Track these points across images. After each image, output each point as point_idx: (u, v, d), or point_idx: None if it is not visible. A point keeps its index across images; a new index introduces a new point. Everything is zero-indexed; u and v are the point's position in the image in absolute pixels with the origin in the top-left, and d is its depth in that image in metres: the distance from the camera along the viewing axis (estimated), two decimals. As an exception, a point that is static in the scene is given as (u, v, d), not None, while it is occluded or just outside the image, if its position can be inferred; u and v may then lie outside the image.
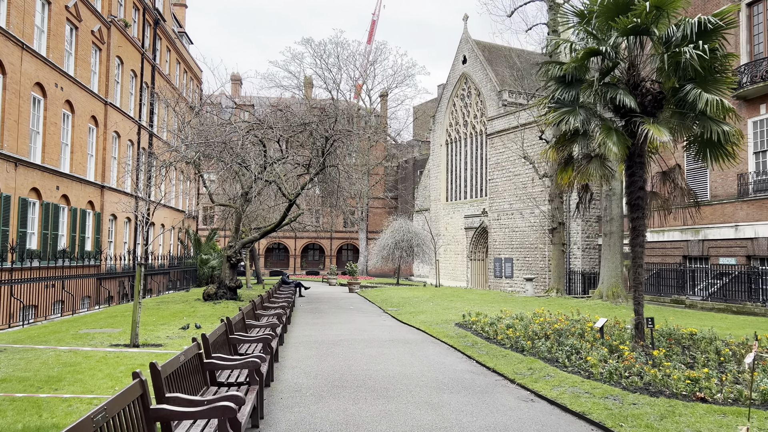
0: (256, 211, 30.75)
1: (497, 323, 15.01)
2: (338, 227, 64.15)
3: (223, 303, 23.31)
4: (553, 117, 11.67)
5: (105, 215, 28.61)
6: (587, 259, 34.31)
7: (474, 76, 48.35)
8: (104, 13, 28.26)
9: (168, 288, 37.03)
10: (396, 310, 21.56)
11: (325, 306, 24.31)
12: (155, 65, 35.09)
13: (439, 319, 17.76)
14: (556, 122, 11.67)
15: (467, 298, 26.33)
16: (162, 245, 38.69)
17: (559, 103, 12.07)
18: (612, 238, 21.93)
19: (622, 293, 21.78)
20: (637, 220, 12.03)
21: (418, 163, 61.64)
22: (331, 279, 44.80)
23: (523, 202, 36.87)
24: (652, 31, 10.94)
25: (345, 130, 21.97)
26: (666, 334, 12.76)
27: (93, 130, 27.58)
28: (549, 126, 11.90)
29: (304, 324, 17.56)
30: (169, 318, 18.08)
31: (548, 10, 28.35)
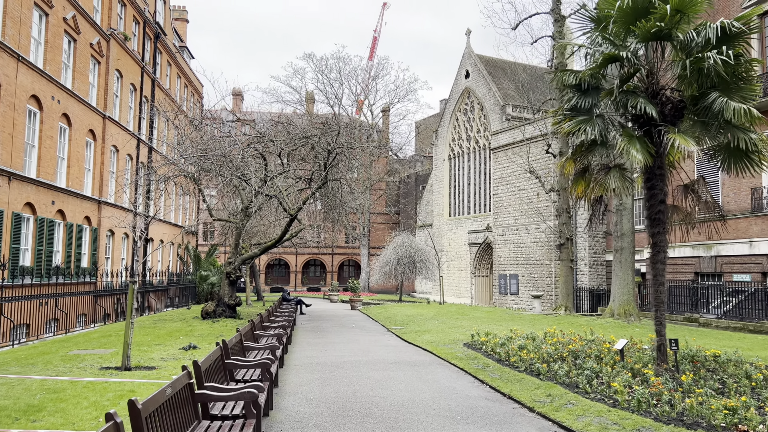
0: (256, 226, 30.13)
1: (508, 344, 14.29)
2: (340, 243, 63.46)
3: (222, 321, 22.60)
4: (569, 126, 11.07)
5: (102, 231, 27.98)
6: (594, 276, 33.58)
7: (477, 91, 47.96)
8: (104, 26, 27.87)
9: (167, 305, 36.32)
10: (400, 329, 20.84)
11: (327, 324, 23.59)
12: (155, 79, 34.69)
13: (446, 339, 17.04)
14: (572, 132, 11.07)
15: (473, 315, 25.59)
16: (161, 261, 38.02)
17: (575, 111, 11.48)
18: (623, 254, 21.25)
19: (634, 311, 21.06)
20: (658, 235, 11.38)
21: (420, 178, 61.11)
22: (332, 295, 44.05)
23: (529, 217, 36.23)
24: (675, 35, 10.37)
25: (348, 143, 21.40)
26: (689, 356, 12.04)
27: (91, 143, 27.05)
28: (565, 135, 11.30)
29: (305, 344, 16.84)
30: (165, 337, 17.37)
31: (554, 23, 27.95)
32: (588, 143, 11.18)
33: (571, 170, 11.76)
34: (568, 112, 11.55)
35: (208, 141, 20.52)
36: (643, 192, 11.49)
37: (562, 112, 11.64)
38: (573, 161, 11.57)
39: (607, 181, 10.56)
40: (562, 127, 11.32)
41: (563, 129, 11.25)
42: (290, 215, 22.05)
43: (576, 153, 11.50)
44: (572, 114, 11.45)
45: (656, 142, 10.87)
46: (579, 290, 32.96)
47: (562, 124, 11.32)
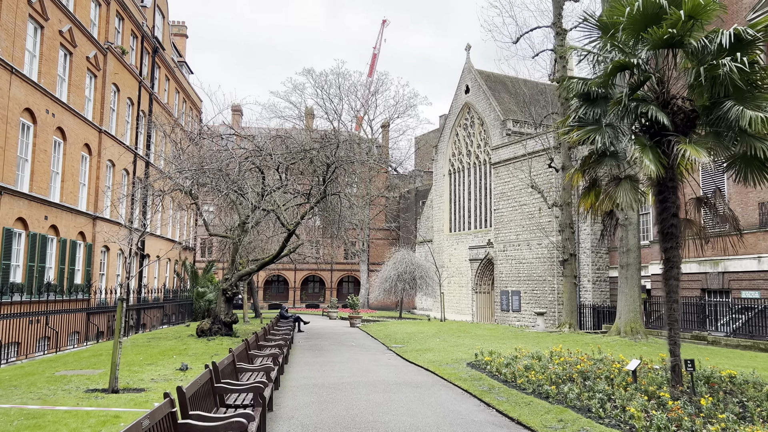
0: (254, 242, 29.60)
1: (514, 363, 13.74)
2: (339, 259, 62.84)
3: (218, 339, 22.00)
4: (578, 135, 10.62)
5: (97, 247, 27.46)
6: (598, 293, 33.02)
7: (477, 106, 47.71)
8: (101, 40, 27.60)
9: (163, 322, 35.66)
10: (401, 347, 20.25)
11: (326, 342, 22.99)
12: (153, 93, 34.39)
13: (449, 358, 16.46)
14: (581, 141, 10.63)
15: (475, 333, 25.00)
16: (157, 278, 37.45)
17: (583, 121, 11.05)
18: (629, 270, 20.73)
19: (641, 329, 20.49)
20: (671, 250, 10.89)
21: (420, 194, 60.70)
22: (331, 312, 43.40)
23: (531, 232, 35.73)
24: (687, 42, 9.97)
25: (347, 157, 20.98)
26: (703, 377, 11.50)
27: (86, 158, 26.63)
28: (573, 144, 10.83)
29: (302, 364, 16.26)
30: (158, 357, 16.79)
31: (555, 36, 27.69)
32: (597, 154, 10.74)
33: (579, 183, 11.30)
34: (576, 122, 11.12)
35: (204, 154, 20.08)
36: (655, 205, 11.02)
37: (569, 122, 11.20)
38: (581, 173, 11.12)
39: (619, 193, 10.08)
40: (570, 137, 10.88)
41: (571, 139, 10.81)
42: (288, 230, 21.55)
43: (584, 164, 11.05)
44: (580, 123, 11.02)
45: (667, 152, 10.44)
46: (582, 307, 32.37)
47: (571, 133, 10.87)
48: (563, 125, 11.24)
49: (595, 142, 10.37)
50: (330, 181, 20.86)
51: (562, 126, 11.26)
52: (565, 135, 11.05)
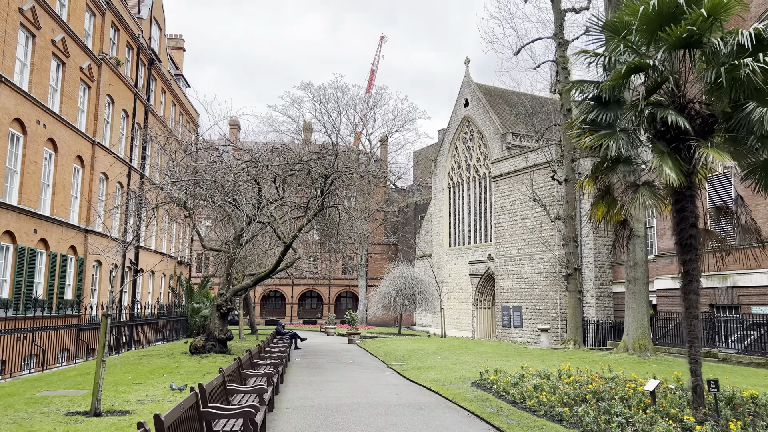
0: (250, 256, 28.91)
1: (521, 383, 13.04)
2: (337, 274, 62.06)
3: (211, 357, 21.24)
4: (590, 141, 10.04)
5: (89, 261, 26.75)
6: (602, 308, 32.32)
7: (476, 119, 47.33)
8: (95, 50, 27.12)
9: (157, 339, 34.87)
10: (401, 365, 19.51)
11: (323, 360, 22.23)
12: (149, 106, 33.88)
13: (452, 377, 15.74)
14: (593, 147, 10.05)
15: (477, 350, 24.26)
16: (152, 293, 36.67)
17: (595, 125, 10.48)
18: (636, 284, 20.09)
19: (650, 346, 19.80)
20: (690, 263, 10.27)
21: (419, 208, 60.12)
22: (329, 329, 42.59)
23: (532, 246, 35.10)
24: (707, 42, 9.43)
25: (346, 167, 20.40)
26: (724, 397, 10.81)
27: (78, 170, 26.01)
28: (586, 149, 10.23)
29: (298, 383, 15.52)
30: (148, 375, 16.05)
31: (557, 47, 27.28)
32: (610, 160, 10.15)
33: (590, 191, 10.69)
34: (587, 127, 10.55)
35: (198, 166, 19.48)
36: (672, 215, 10.41)
37: (580, 126, 10.62)
38: (593, 180, 10.51)
39: (638, 201, 9.45)
40: (581, 142, 10.29)
41: (583, 144, 10.22)
42: (285, 243, 20.90)
43: (596, 172, 10.46)
44: (592, 128, 10.45)
45: (686, 159, 9.87)
46: (586, 323, 31.65)
47: (582, 138, 10.29)
48: (573, 129, 10.64)
49: (609, 148, 9.79)
50: (328, 193, 20.26)
51: (573, 130, 10.66)
52: (576, 140, 10.45)
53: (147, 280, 35.74)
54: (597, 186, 10.47)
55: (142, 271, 34.30)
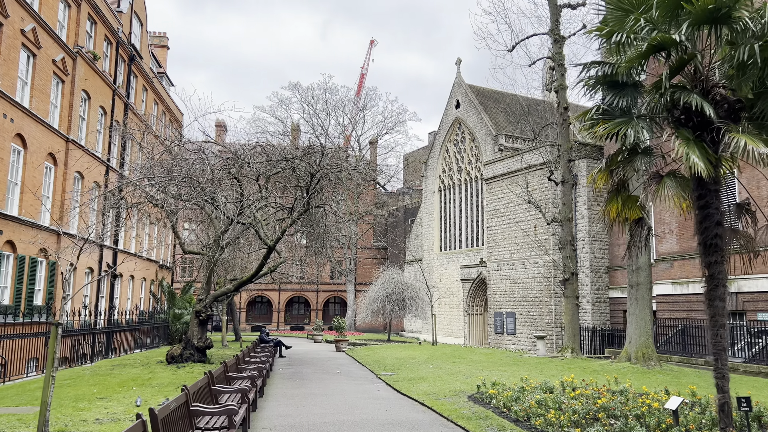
0: (232, 260, 27.62)
1: (523, 397, 11.91)
2: (325, 279, 60.73)
3: (189, 367, 19.94)
4: (604, 130, 8.94)
5: (61, 264, 25.31)
6: (598, 314, 31.31)
7: (468, 121, 46.33)
8: (69, 43, 25.77)
9: (137, 346, 33.47)
10: (391, 376, 18.31)
11: (308, 369, 20.97)
12: (129, 103, 32.52)
13: (446, 390, 14.57)
14: (608, 135, 8.95)
15: (471, 359, 23.11)
16: (131, 298, 35.22)
17: (609, 113, 9.39)
18: (639, 290, 19.05)
19: (654, 355, 18.75)
20: (715, 265, 9.16)
21: (409, 212, 58.99)
22: (316, 335, 41.28)
23: (526, 251, 34.06)
24: (736, 17, 8.38)
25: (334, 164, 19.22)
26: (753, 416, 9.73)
27: (51, 169, 24.63)
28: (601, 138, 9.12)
29: (280, 397, 14.28)
30: (115, 388, 14.75)
31: (553, 44, 26.30)
32: (627, 151, 9.05)
33: (601, 185, 9.58)
34: (600, 115, 9.45)
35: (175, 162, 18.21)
36: (694, 211, 9.32)
37: (592, 114, 9.52)
38: (608, 174, 9.40)
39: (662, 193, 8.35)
40: (594, 131, 9.19)
41: (596, 133, 9.13)
42: (267, 246, 19.66)
43: (612, 164, 9.35)
44: (605, 116, 9.35)
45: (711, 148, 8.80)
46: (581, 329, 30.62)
47: (596, 128, 9.19)
48: (584, 119, 9.53)
49: (626, 136, 8.68)
50: (314, 193, 19.06)
51: (583, 119, 9.55)
52: (588, 130, 9.33)
53: (126, 284, 34.31)
54: (612, 179, 9.36)
55: (120, 276, 32.87)
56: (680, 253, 24.99)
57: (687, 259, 24.66)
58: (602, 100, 9.37)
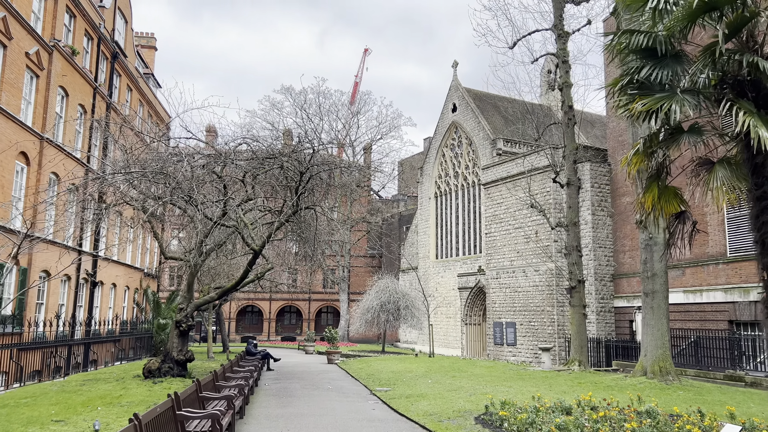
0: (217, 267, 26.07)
1: (538, 419, 10.42)
2: (317, 288, 59.07)
3: (167, 382, 18.32)
4: (643, 106, 7.54)
5: (34, 271, 23.67)
6: (602, 324, 29.86)
7: (465, 125, 45.04)
8: (45, 36, 24.27)
9: (119, 358, 31.82)
10: (387, 392, 16.76)
11: (297, 385, 19.38)
12: (111, 103, 30.99)
13: (449, 409, 13.04)
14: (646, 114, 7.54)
15: (472, 372, 21.59)
16: (113, 308, 33.51)
17: (645, 87, 7.99)
18: (655, 298, 17.62)
19: (672, 369, 17.29)
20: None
21: (404, 219, 57.55)
22: (308, 346, 39.65)
23: (526, 258, 32.63)
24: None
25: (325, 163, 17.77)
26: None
27: (23, 169, 23.05)
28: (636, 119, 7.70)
29: (263, 418, 12.71)
30: (77, 408, 13.15)
31: (556, 39, 25.03)
32: (670, 130, 7.63)
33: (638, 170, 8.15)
34: (635, 90, 8.04)
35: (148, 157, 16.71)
36: (749, 203, 7.91)
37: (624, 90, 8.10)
38: (644, 156, 7.97)
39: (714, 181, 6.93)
40: (630, 108, 7.77)
41: (634, 110, 7.70)
42: (254, 250, 18.12)
43: (651, 144, 7.92)
44: (642, 91, 7.94)
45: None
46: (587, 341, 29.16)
47: (632, 104, 7.76)
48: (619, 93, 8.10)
49: (670, 113, 7.27)
50: (304, 193, 17.56)
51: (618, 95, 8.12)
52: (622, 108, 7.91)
53: (107, 293, 32.63)
54: (650, 163, 7.92)
55: (101, 284, 31.21)
56: (692, 260, 23.61)
57: (700, 266, 23.29)
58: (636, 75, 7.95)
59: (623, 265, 29.38)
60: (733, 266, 21.81)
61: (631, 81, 8.10)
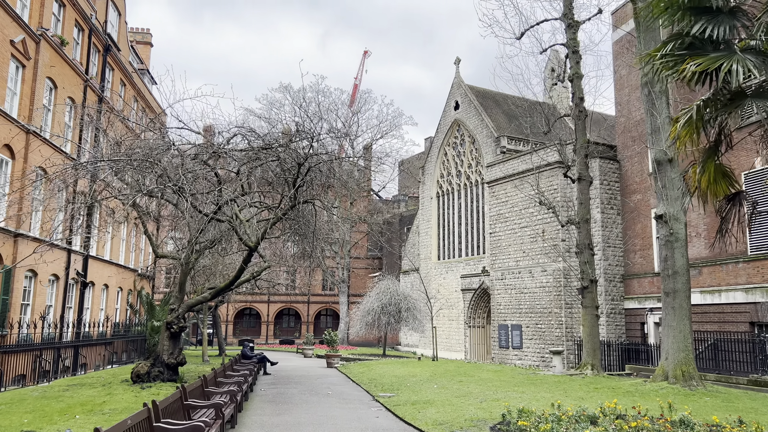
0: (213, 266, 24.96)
1: (560, 428, 9.31)
2: (316, 290, 57.89)
3: (156, 387, 17.19)
4: (696, 67, 6.46)
5: (19, 271, 22.54)
6: (613, 327, 28.73)
7: (468, 123, 43.97)
8: (32, 24, 23.21)
9: (111, 362, 30.69)
10: (391, 398, 15.64)
11: (295, 390, 18.25)
12: (103, 97, 29.89)
13: (461, 418, 11.92)
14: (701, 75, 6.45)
15: (479, 377, 20.47)
16: (104, 309, 32.36)
17: (696, 48, 6.90)
18: (677, 298, 16.51)
19: (695, 374, 16.18)
20: None
21: (405, 219, 56.44)
22: (306, 350, 38.52)
23: (533, 258, 31.52)
24: None
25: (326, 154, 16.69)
26: None
27: (7, 163, 21.97)
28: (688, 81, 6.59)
29: (256, 427, 11.59)
30: (54, 417, 12.03)
31: (566, 29, 23.98)
32: (730, 93, 6.54)
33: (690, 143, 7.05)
34: (683, 49, 6.96)
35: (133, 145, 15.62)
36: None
37: (672, 51, 7.01)
38: (697, 127, 6.87)
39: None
40: (681, 70, 6.68)
41: (685, 72, 6.61)
42: (248, 247, 17.02)
43: (706, 108, 6.81)
44: (692, 51, 6.86)
45: None
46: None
47: (682, 65, 6.67)
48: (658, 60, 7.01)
49: (732, 73, 6.18)
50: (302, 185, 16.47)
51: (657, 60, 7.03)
52: (669, 70, 6.82)
53: (99, 294, 31.49)
54: (708, 133, 6.83)
55: (91, 284, 30.07)
56: (710, 259, 22.52)
57: (718, 265, 22.19)
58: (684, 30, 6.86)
59: (634, 265, 28.28)
60: (755, 265, 20.72)
61: (678, 42, 7.04)
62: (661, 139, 16.60)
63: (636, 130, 28.51)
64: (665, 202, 16.60)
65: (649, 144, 17.22)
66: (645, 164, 27.84)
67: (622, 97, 29.63)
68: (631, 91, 28.92)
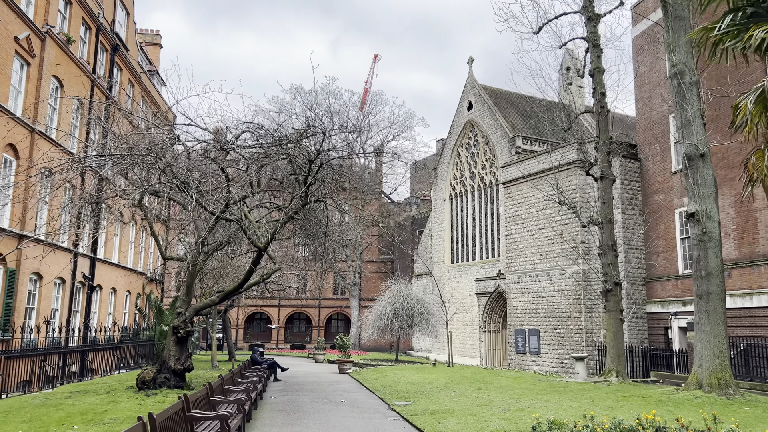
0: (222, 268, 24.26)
1: (600, 446, 8.43)
2: (327, 294, 57.13)
3: (161, 395, 16.46)
4: (764, 33, 5.60)
5: (23, 274, 21.97)
6: (635, 331, 27.72)
7: (481, 123, 43.11)
8: (37, 22, 22.69)
9: (119, 367, 30.10)
10: (407, 406, 14.81)
11: (306, 398, 17.46)
12: (110, 96, 29.33)
13: (485, 430, 11.07)
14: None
15: (498, 384, 19.59)
16: (112, 313, 31.79)
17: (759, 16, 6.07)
18: (711, 301, 15.55)
19: (732, 381, 15.20)
20: None
21: (417, 222, 55.59)
22: (318, 355, 37.73)
23: (551, 261, 30.56)
24: None
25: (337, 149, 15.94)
26: None
27: (11, 162, 21.41)
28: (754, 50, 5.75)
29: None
30: (50, 427, 11.33)
31: (587, 22, 23.12)
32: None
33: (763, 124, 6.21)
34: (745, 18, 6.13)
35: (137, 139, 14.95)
36: None
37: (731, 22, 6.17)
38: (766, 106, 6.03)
39: None
40: (746, 38, 5.84)
41: (750, 40, 5.78)
42: (258, 248, 16.27)
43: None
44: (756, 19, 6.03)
45: None
46: (617, 349, 26.96)
47: (747, 33, 5.84)
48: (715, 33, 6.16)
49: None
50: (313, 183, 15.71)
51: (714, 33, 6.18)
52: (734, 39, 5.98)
53: (107, 298, 30.91)
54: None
55: (99, 288, 29.49)
56: (740, 260, 21.52)
57: (749, 267, 21.19)
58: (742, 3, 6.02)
59: (657, 267, 27.27)
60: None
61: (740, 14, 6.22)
62: (692, 133, 15.69)
63: (658, 127, 27.55)
64: (697, 200, 15.67)
65: (680, 138, 16.30)
66: (668, 163, 26.86)
67: (642, 94, 28.68)
68: (651, 88, 27.98)
